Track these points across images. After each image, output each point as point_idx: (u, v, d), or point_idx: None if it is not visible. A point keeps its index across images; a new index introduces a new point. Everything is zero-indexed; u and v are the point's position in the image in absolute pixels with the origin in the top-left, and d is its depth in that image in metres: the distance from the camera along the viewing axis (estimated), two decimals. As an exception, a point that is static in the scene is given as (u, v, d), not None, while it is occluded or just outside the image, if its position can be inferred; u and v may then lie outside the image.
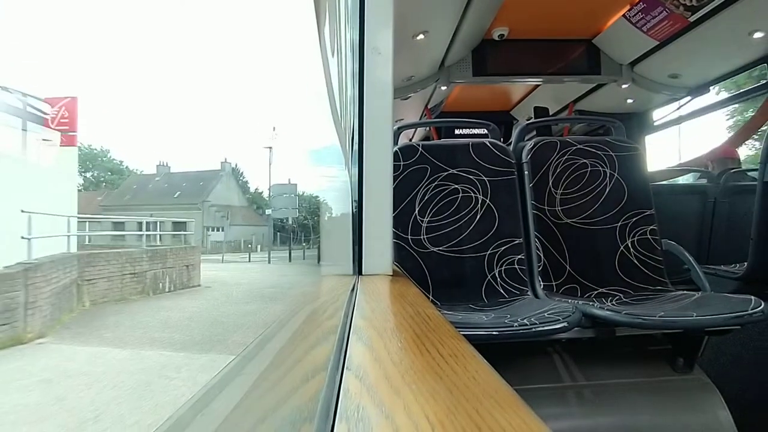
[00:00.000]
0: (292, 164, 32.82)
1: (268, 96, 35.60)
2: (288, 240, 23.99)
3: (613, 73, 2.77)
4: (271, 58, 31.84)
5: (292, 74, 33.61)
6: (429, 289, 1.55)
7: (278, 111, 34.55)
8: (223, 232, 27.30)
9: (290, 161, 33.25)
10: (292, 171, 37.83)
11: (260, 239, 22.50)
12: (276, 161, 33.63)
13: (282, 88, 37.14)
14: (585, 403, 1.30)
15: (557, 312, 1.18)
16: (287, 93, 35.38)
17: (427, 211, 1.64)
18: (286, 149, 29.88)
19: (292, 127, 28.05)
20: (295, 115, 30.94)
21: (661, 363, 1.39)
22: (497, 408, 0.25)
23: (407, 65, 2.71)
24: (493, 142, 1.73)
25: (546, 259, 1.60)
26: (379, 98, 0.87)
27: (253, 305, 8.42)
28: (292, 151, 30.25)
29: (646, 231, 1.65)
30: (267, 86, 33.74)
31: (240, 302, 8.75)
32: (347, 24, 0.96)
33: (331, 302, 0.76)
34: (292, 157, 32.15)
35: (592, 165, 1.73)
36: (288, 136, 28.88)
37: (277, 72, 34.28)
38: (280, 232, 28.75)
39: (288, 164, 37.02)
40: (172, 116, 48.51)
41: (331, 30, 0.87)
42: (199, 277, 11.11)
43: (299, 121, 27.33)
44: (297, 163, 31.22)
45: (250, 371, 0.89)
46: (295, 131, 28.82)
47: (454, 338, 0.42)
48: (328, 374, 0.33)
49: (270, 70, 31.92)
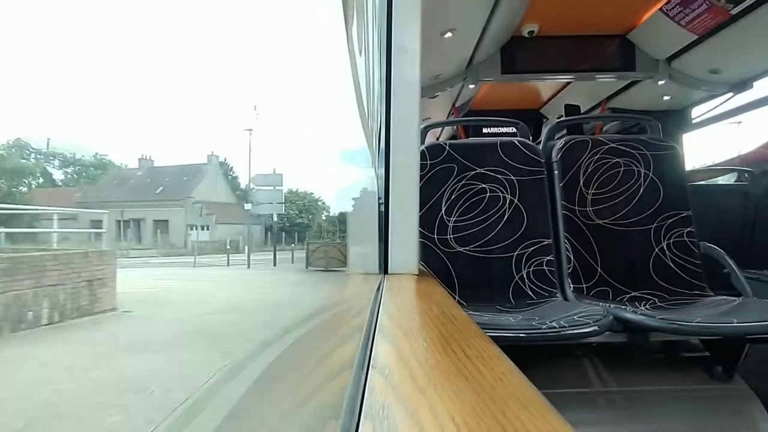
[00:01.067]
0: (316, 163, 32.76)
1: (294, 94, 35.86)
2: (277, 239, 20.45)
3: (649, 69, 2.68)
4: (299, 57, 31.92)
5: (320, 73, 33.66)
6: (455, 290, 1.54)
7: (303, 110, 34.42)
8: (209, 231, 24.84)
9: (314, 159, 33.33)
10: (311, 170, 37.63)
11: (249, 239, 19.99)
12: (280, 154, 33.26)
13: (308, 87, 37.16)
14: (616, 409, 1.26)
15: (588, 315, 1.15)
16: (314, 92, 35.47)
17: (453, 211, 1.63)
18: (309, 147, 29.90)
19: (319, 127, 27.92)
20: (322, 115, 30.78)
21: (698, 371, 1.34)
22: (524, 411, 0.25)
23: (434, 63, 2.69)
24: (522, 141, 1.70)
25: (576, 261, 1.57)
26: (406, 97, 0.87)
27: (163, 357, 4.29)
28: (321, 153, 30.25)
29: (683, 233, 1.59)
30: (297, 84, 33.66)
31: (144, 349, 4.50)
32: (374, 23, 0.96)
33: (357, 300, 0.76)
34: (322, 158, 32.22)
35: (625, 164, 1.68)
36: (314, 136, 28.83)
37: (306, 70, 34.21)
38: (270, 230, 26.01)
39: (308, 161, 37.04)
40: (193, 117, 48.64)
41: (359, 29, 0.88)
42: (114, 297, 6.82)
43: (326, 122, 27.20)
44: (320, 163, 31.26)
45: (277, 367, 0.91)
46: (322, 131, 28.54)
47: (481, 339, 0.42)
48: (354, 372, 0.34)
49: (298, 68, 31.95)
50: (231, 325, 5.68)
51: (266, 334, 4.83)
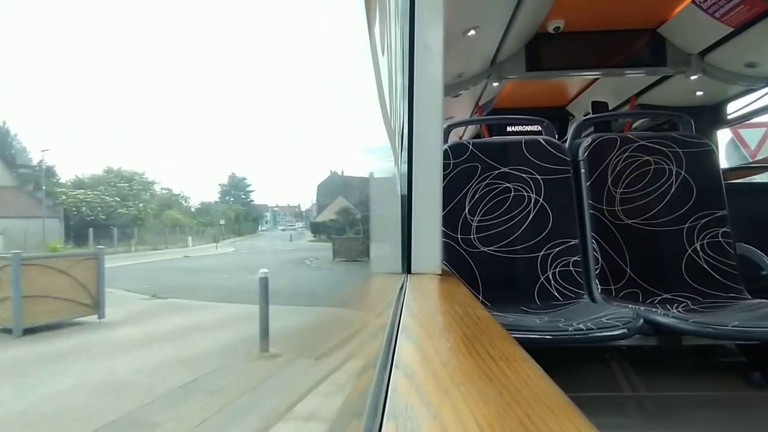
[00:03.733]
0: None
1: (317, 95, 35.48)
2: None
3: (681, 63, 2.60)
4: (323, 57, 31.56)
5: (342, 73, 33.27)
6: (479, 290, 1.53)
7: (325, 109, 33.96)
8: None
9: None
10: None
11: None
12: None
13: (330, 87, 36.42)
14: (646, 415, 1.23)
15: (616, 317, 1.12)
16: (335, 92, 34.83)
17: (477, 210, 1.62)
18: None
19: (342, 125, 27.39)
20: (343, 115, 30.18)
21: (734, 377, 1.29)
22: (550, 414, 0.24)
23: (458, 62, 2.67)
24: (547, 139, 1.67)
25: (604, 262, 1.53)
26: (429, 96, 0.87)
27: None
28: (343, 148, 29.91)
29: (718, 233, 1.54)
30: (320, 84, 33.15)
31: None
32: (397, 22, 0.96)
33: (380, 300, 0.77)
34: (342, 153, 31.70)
35: (656, 162, 1.63)
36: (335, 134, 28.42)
37: (329, 70, 33.54)
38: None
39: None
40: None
41: (381, 28, 0.88)
42: None
43: (348, 121, 26.76)
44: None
45: (301, 365, 0.92)
46: (346, 130, 27.85)
47: (505, 340, 0.41)
48: (377, 372, 0.34)
49: (322, 68, 31.82)
50: None
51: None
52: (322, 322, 1.85)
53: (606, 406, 1.24)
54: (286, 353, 4.28)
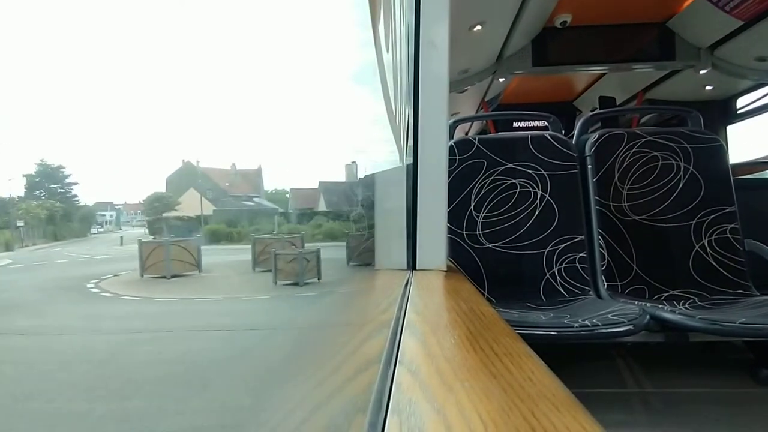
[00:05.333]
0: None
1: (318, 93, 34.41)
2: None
3: (690, 58, 2.56)
4: (327, 54, 30.89)
5: (349, 70, 32.61)
6: (484, 286, 1.53)
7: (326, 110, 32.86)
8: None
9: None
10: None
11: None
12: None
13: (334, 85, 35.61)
14: (652, 411, 1.22)
15: (622, 314, 1.12)
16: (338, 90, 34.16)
17: (483, 207, 1.61)
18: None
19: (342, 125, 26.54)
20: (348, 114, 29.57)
21: (741, 373, 1.28)
22: (554, 411, 0.24)
23: (463, 57, 2.66)
24: (553, 135, 1.66)
25: (610, 258, 1.52)
26: (435, 92, 0.87)
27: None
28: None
29: (726, 229, 1.52)
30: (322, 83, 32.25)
31: None
32: (402, 18, 0.96)
33: (385, 296, 0.77)
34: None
35: (663, 158, 1.61)
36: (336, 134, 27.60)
37: (334, 68, 32.80)
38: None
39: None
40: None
41: (386, 25, 0.87)
42: None
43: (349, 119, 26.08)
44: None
45: (306, 360, 0.92)
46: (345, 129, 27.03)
47: (510, 337, 0.41)
48: (381, 367, 0.34)
49: (326, 66, 31.22)
50: None
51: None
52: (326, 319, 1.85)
53: (611, 403, 1.24)
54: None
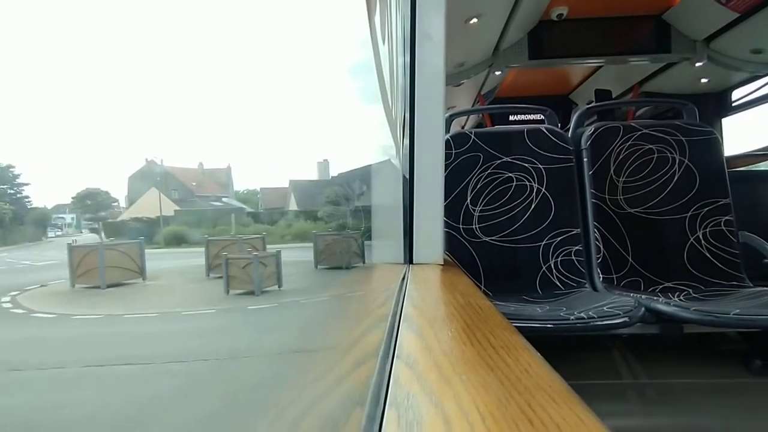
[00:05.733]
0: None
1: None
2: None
3: (686, 50, 2.56)
4: (321, 49, 30.44)
5: (343, 64, 32.16)
6: (481, 280, 1.53)
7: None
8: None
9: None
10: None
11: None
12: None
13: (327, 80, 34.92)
14: (647, 402, 1.24)
15: (617, 306, 1.13)
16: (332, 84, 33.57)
17: (479, 200, 1.61)
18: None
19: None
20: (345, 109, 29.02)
21: (735, 364, 1.29)
22: (550, 402, 0.25)
23: (459, 51, 2.65)
24: (549, 128, 1.66)
25: (606, 251, 1.53)
26: (431, 85, 0.86)
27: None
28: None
29: (721, 222, 1.53)
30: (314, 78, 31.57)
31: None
32: (398, 11, 0.95)
33: (382, 290, 0.77)
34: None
35: (659, 151, 1.62)
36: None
37: (327, 63, 32.30)
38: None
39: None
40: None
41: (382, 18, 0.87)
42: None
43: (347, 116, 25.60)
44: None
45: (304, 355, 0.92)
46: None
47: (506, 330, 0.41)
48: (379, 361, 0.34)
49: (320, 61, 30.65)
50: None
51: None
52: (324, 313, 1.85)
53: (607, 394, 1.25)
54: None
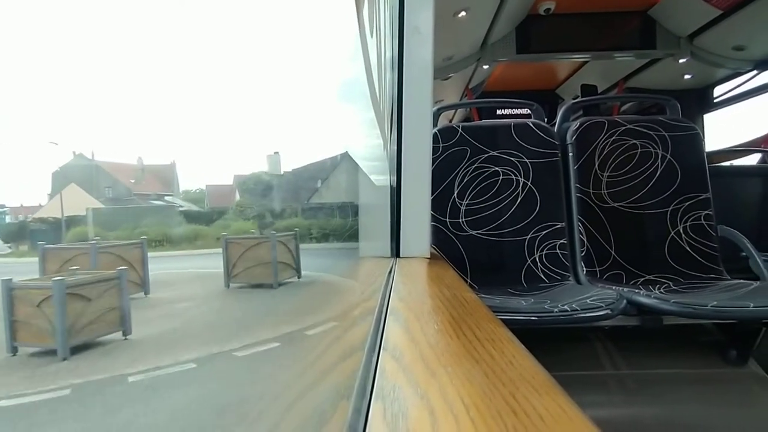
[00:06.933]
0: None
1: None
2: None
3: (670, 46, 2.60)
4: (308, 41, 29.62)
5: (330, 57, 31.69)
6: (467, 273, 1.54)
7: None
8: None
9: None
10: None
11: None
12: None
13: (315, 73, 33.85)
14: (627, 392, 1.27)
15: (600, 299, 1.14)
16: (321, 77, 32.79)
17: (466, 194, 1.62)
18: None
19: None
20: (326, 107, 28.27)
21: (712, 354, 1.33)
22: (534, 393, 0.25)
23: (448, 44, 2.64)
24: (536, 123, 1.67)
25: (589, 244, 1.55)
26: (419, 79, 0.86)
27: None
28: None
29: (701, 216, 1.56)
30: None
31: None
32: (386, 4, 0.94)
33: (369, 284, 0.77)
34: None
35: (642, 146, 1.64)
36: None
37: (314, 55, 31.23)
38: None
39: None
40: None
41: (370, 10, 0.86)
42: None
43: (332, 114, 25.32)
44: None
45: (290, 348, 0.92)
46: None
47: (492, 322, 0.42)
48: (365, 354, 0.34)
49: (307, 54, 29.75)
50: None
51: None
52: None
53: (589, 385, 1.27)
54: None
